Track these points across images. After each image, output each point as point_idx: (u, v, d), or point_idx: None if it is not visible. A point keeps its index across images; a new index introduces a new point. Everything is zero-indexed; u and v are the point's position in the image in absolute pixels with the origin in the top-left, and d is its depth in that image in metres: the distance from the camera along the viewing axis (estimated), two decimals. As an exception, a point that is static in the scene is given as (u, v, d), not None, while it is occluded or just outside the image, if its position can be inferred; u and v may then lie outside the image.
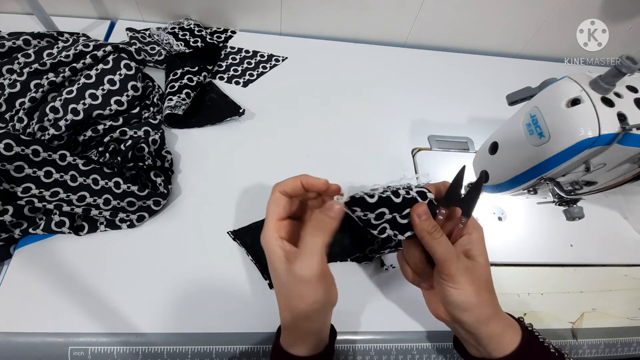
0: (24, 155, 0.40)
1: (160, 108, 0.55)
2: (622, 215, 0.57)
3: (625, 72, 0.32)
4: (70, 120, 0.46)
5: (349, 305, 0.43)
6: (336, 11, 0.69)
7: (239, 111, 0.56)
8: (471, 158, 0.49)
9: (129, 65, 0.51)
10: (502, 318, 0.33)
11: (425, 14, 0.69)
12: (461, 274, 0.30)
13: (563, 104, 0.35)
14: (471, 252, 0.32)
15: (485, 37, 0.75)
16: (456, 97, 0.67)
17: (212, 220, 0.47)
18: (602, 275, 0.50)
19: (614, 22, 0.71)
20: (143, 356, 0.38)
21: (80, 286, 0.41)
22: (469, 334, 0.33)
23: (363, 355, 0.41)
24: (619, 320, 0.46)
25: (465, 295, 0.30)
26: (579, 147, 0.34)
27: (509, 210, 0.54)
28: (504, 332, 0.32)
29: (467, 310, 0.31)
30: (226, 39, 0.68)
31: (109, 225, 0.44)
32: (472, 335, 0.32)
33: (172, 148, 0.53)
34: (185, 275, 0.43)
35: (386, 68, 0.70)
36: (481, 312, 0.31)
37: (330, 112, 0.61)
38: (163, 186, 0.46)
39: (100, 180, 0.43)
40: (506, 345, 0.32)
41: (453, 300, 0.31)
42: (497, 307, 0.33)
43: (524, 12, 0.70)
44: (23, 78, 0.49)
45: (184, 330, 0.39)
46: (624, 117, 0.33)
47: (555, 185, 0.39)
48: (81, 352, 0.37)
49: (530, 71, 0.75)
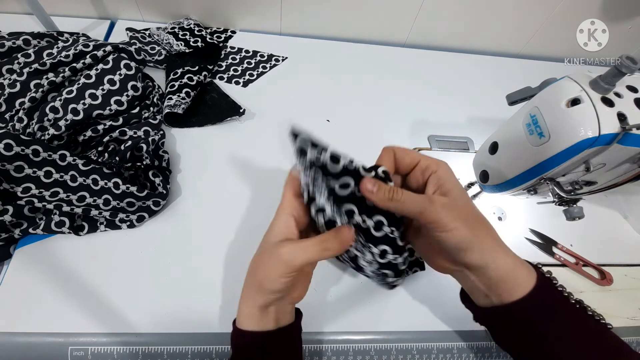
0: (24, 155, 0.40)
1: (160, 108, 0.55)
2: (622, 215, 0.57)
3: (625, 72, 0.32)
4: (70, 120, 0.46)
5: (349, 305, 0.43)
6: (336, 11, 0.69)
7: (239, 111, 0.56)
8: (471, 158, 0.49)
9: (129, 65, 0.51)
10: (511, 255, 0.30)
11: (425, 14, 0.69)
12: (443, 214, 0.27)
13: (563, 104, 0.35)
14: (443, 187, 0.29)
15: (485, 37, 0.75)
16: (456, 97, 0.67)
17: (212, 220, 0.47)
18: (602, 275, 0.50)
19: (614, 22, 0.71)
20: (143, 356, 0.38)
21: (80, 286, 0.41)
22: (480, 278, 0.30)
23: (363, 355, 0.41)
24: (619, 320, 0.46)
25: (458, 234, 0.28)
26: (579, 147, 0.34)
27: (509, 210, 0.54)
28: (515, 270, 0.29)
29: (467, 250, 0.28)
30: (226, 39, 0.68)
31: (108, 225, 0.44)
32: (482, 278, 0.30)
33: (172, 148, 0.53)
34: (185, 275, 0.43)
35: (386, 68, 0.70)
36: (482, 245, 0.29)
37: (330, 112, 0.61)
38: (162, 186, 0.46)
39: (100, 181, 0.43)
40: (518, 287, 0.29)
41: (450, 245, 0.28)
42: (499, 241, 0.30)
43: (524, 12, 0.70)
44: (23, 78, 0.49)
45: (184, 330, 0.39)
46: (624, 117, 0.33)
47: (555, 185, 0.39)
48: (81, 352, 0.37)
49: (530, 71, 0.75)
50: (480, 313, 0.33)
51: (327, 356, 0.41)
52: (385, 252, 0.30)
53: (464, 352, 0.43)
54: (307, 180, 0.30)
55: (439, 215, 0.27)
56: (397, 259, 0.31)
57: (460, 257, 0.29)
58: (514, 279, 0.29)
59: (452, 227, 0.27)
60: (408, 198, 0.28)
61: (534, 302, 0.29)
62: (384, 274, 0.31)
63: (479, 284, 0.30)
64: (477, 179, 0.47)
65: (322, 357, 0.40)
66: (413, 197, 0.28)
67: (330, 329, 0.41)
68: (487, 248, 0.29)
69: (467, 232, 0.28)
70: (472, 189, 0.53)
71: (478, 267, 0.29)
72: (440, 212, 0.27)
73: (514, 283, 0.29)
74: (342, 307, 0.43)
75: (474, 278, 0.30)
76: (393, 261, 0.31)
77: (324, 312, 0.42)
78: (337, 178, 0.29)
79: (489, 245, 0.29)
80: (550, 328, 0.29)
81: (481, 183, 0.46)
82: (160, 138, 0.50)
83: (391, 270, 0.31)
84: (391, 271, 0.31)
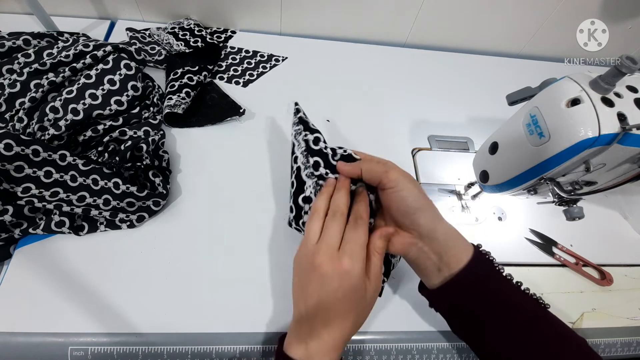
0: (24, 155, 0.40)
1: (160, 108, 0.55)
2: (622, 215, 0.57)
3: (625, 72, 0.32)
4: (70, 120, 0.46)
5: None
6: (336, 11, 0.69)
7: (239, 111, 0.56)
8: (471, 158, 0.49)
9: (129, 65, 0.51)
10: (450, 225, 0.35)
11: (425, 14, 0.69)
12: (402, 177, 0.33)
13: (563, 104, 0.35)
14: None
15: (485, 37, 0.75)
16: (456, 97, 0.67)
17: (212, 220, 0.47)
18: (602, 275, 0.50)
19: (614, 22, 0.71)
20: (143, 356, 0.38)
21: (80, 286, 0.41)
22: (431, 245, 0.34)
23: (363, 355, 0.41)
24: (619, 320, 0.46)
25: (414, 193, 0.33)
26: (579, 147, 0.34)
27: (509, 210, 0.54)
28: (457, 235, 0.35)
29: (421, 209, 0.33)
30: (226, 39, 0.68)
31: (109, 225, 0.44)
32: (433, 245, 0.34)
33: (172, 148, 0.53)
34: (185, 275, 0.43)
35: (386, 68, 0.70)
36: (433, 211, 0.34)
37: (329, 112, 0.61)
38: (162, 186, 0.46)
39: (100, 181, 0.43)
40: (464, 250, 0.34)
41: (408, 203, 0.33)
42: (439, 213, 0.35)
43: (524, 12, 0.70)
44: (23, 78, 0.49)
45: (184, 330, 0.39)
46: (624, 117, 0.33)
47: (555, 185, 0.39)
48: (81, 352, 0.37)
49: (530, 71, 0.75)
50: (435, 296, 0.36)
51: (327, 356, 0.40)
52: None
53: (464, 352, 0.43)
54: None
55: (398, 176, 0.33)
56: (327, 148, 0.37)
57: (416, 218, 0.33)
58: (457, 244, 0.34)
59: (408, 187, 0.33)
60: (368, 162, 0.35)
61: (477, 265, 0.34)
62: (316, 162, 0.37)
63: (432, 254, 0.34)
64: (477, 179, 0.47)
65: (322, 357, 0.40)
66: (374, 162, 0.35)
67: (330, 329, 0.41)
68: (435, 213, 0.34)
69: (421, 196, 0.34)
70: (472, 189, 0.53)
71: (429, 230, 0.33)
72: (398, 174, 0.33)
73: (460, 247, 0.34)
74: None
75: (427, 249, 0.34)
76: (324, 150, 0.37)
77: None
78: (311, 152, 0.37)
79: (435, 212, 0.34)
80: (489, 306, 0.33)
81: (481, 183, 0.46)
82: (160, 138, 0.50)
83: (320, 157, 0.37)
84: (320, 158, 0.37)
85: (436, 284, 0.35)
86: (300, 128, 0.40)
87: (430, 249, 0.34)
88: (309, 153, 0.37)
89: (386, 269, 0.37)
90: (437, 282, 0.35)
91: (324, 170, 0.36)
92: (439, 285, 0.34)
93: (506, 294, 0.34)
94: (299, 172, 0.38)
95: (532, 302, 0.34)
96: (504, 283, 0.34)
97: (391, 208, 0.34)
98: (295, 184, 0.39)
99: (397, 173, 0.33)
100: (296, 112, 0.42)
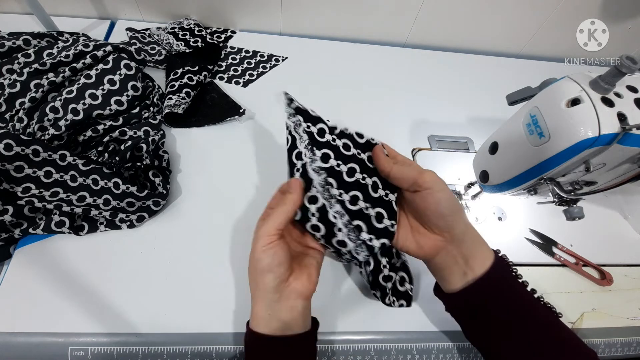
0: (24, 155, 0.40)
1: (160, 108, 0.55)
2: (622, 215, 0.57)
3: (625, 72, 0.32)
4: (70, 120, 0.46)
5: (349, 305, 0.43)
6: (336, 11, 0.69)
7: (239, 111, 0.56)
8: (471, 158, 0.49)
9: (129, 65, 0.51)
10: (475, 229, 0.35)
11: (425, 14, 0.69)
12: (437, 179, 0.33)
13: (563, 104, 0.35)
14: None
15: (485, 37, 0.75)
16: (456, 97, 0.67)
17: (212, 220, 0.47)
18: (602, 275, 0.50)
19: (614, 22, 0.71)
20: (143, 356, 0.38)
21: (80, 286, 0.41)
22: (460, 248, 0.34)
23: (363, 355, 0.41)
24: (619, 320, 0.46)
25: (450, 196, 0.33)
26: (579, 147, 0.34)
27: (509, 210, 0.54)
28: (481, 239, 0.35)
29: (457, 212, 0.33)
30: (226, 39, 0.68)
31: (109, 225, 0.44)
32: (462, 247, 0.33)
33: (172, 148, 0.53)
34: (185, 275, 0.43)
35: (386, 68, 0.70)
36: (465, 214, 0.34)
37: (329, 112, 0.61)
38: (162, 186, 0.46)
39: (100, 181, 0.43)
40: (488, 254, 0.34)
41: (443, 205, 0.32)
42: None
43: (524, 12, 0.70)
44: (23, 78, 0.49)
45: (184, 330, 0.39)
46: (624, 117, 0.33)
47: (555, 185, 0.39)
48: (81, 352, 0.37)
49: (530, 71, 0.75)
50: (456, 299, 0.35)
51: (327, 356, 0.41)
52: (356, 197, 0.33)
53: (464, 352, 0.43)
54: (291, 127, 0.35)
55: (432, 179, 0.32)
56: (367, 208, 0.34)
57: (452, 220, 0.33)
58: (482, 248, 0.34)
59: (445, 189, 0.33)
60: (400, 166, 0.34)
61: (497, 270, 0.34)
62: (357, 226, 0.33)
63: (459, 258, 0.34)
64: (477, 179, 0.47)
65: (322, 357, 0.40)
66: (408, 166, 0.34)
67: (330, 329, 0.41)
68: (466, 217, 0.35)
69: (454, 197, 0.33)
70: (472, 189, 0.53)
71: (462, 232, 0.33)
72: (432, 177, 0.33)
73: (484, 251, 0.34)
74: (341, 307, 0.43)
75: (456, 252, 0.34)
76: (364, 210, 0.33)
77: (324, 313, 0.42)
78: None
79: (466, 216, 0.35)
80: (508, 315, 0.33)
81: (481, 183, 0.46)
82: (160, 138, 0.50)
83: (363, 222, 0.33)
84: (363, 223, 0.33)
85: (457, 288, 0.34)
86: (298, 119, 0.35)
87: (458, 252, 0.34)
88: (314, 145, 0.34)
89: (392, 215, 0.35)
90: (459, 286, 0.34)
91: (335, 162, 0.34)
92: (460, 289, 0.34)
93: (525, 300, 0.34)
94: (305, 169, 0.33)
95: (546, 309, 0.34)
96: (521, 288, 0.34)
97: (427, 209, 0.33)
98: None
99: (432, 175, 0.33)
100: (289, 102, 0.36)
